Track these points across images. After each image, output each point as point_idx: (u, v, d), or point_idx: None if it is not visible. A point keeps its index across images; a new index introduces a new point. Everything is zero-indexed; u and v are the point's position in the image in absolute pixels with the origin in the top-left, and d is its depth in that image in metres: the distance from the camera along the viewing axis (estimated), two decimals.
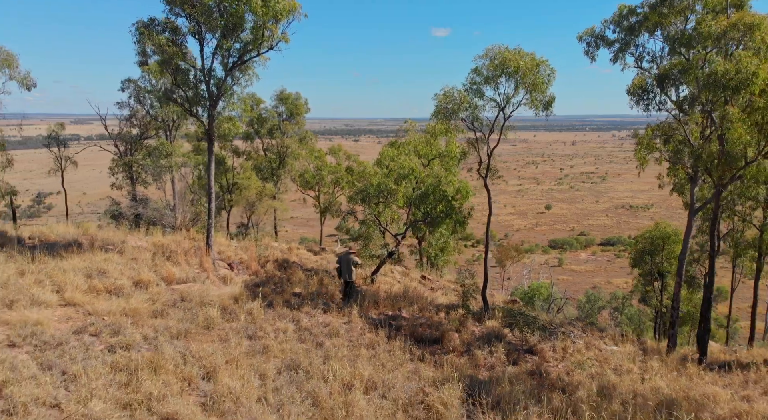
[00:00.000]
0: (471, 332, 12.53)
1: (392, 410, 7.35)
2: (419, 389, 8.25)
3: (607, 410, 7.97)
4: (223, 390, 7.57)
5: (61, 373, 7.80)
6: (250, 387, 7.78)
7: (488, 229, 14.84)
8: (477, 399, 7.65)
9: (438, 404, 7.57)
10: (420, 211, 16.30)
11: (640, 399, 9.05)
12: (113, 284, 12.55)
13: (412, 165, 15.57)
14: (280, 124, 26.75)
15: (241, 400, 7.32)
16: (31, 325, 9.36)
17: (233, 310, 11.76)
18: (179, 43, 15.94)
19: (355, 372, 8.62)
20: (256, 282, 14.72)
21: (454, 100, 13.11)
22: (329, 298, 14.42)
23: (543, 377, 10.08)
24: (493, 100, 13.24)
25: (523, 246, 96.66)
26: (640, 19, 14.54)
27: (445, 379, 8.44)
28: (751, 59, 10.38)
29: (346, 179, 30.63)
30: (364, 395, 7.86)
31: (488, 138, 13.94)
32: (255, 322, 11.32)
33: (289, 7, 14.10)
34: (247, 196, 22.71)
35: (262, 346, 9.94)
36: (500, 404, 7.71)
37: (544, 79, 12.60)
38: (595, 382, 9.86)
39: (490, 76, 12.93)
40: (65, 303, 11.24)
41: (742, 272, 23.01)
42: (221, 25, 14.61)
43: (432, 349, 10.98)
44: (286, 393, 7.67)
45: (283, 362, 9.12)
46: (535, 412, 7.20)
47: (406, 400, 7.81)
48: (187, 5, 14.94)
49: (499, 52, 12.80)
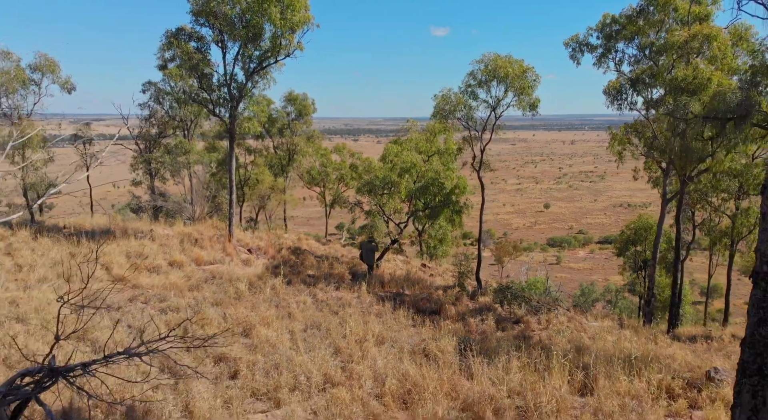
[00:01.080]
0: (465, 306, 14.26)
1: (398, 355, 9.06)
2: (420, 341, 9.98)
3: (576, 360, 9.67)
4: (261, 340, 9.30)
5: (128, 327, 9.53)
6: (283, 338, 9.51)
7: (481, 217, 16.55)
8: (468, 349, 9.35)
9: (436, 350, 9.29)
10: (420, 202, 18.02)
11: (607, 354, 10.75)
12: (151, 264, 14.29)
13: (414, 160, 17.29)
14: (289, 124, 28.50)
15: (277, 346, 9.05)
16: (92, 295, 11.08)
17: (258, 286, 13.49)
18: (203, 50, 17.69)
19: (367, 329, 10.34)
20: (274, 264, 16.45)
21: (450, 101, 14.86)
22: (339, 278, 16.14)
23: (526, 340, 11.78)
24: (486, 101, 14.99)
25: (521, 244, 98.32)
26: (619, 28, 16.28)
27: (441, 336, 10.16)
28: (706, 66, 12.10)
29: (350, 176, 32.35)
30: (375, 346, 9.58)
31: (481, 136, 15.67)
32: (278, 295, 13.04)
33: (304, 19, 15.82)
34: (261, 190, 24.44)
35: (286, 312, 11.66)
36: (487, 352, 9.41)
37: (531, 83, 14.30)
38: (571, 345, 11.56)
39: (484, 80, 14.66)
40: (113, 279, 12.97)
41: (718, 260, 24.70)
42: (243, 34, 16.32)
43: (431, 318, 12.69)
44: (312, 342, 9.40)
45: (306, 323, 10.85)
46: (515, 357, 8.89)
47: (410, 349, 9.52)
48: (212, 17, 16.65)
49: (492, 58, 14.52)
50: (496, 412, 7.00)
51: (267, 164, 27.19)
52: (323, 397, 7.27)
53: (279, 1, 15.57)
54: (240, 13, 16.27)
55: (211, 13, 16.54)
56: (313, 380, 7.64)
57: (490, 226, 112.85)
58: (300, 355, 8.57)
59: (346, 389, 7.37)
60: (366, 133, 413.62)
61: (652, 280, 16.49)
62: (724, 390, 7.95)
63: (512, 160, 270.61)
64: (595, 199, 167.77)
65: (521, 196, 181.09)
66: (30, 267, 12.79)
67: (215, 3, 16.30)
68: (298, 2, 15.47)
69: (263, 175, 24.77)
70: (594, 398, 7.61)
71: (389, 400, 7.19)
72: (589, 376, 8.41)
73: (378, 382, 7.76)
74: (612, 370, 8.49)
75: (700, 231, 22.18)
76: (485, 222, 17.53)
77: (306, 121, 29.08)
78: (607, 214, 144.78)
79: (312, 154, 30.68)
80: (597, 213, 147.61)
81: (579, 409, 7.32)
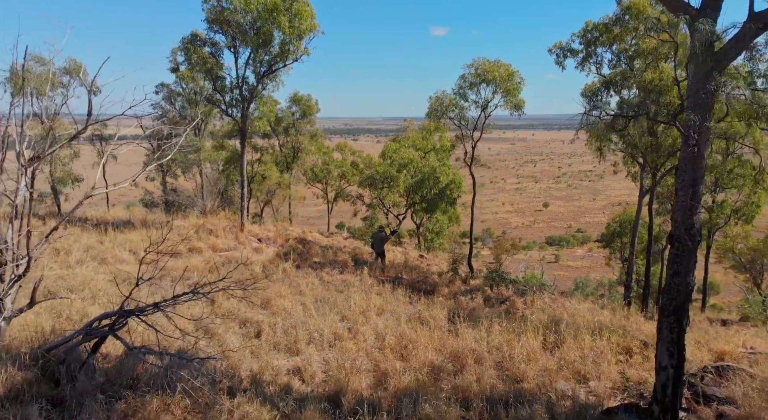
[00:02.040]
0: (458, 287, 15.72)
1: (396, 321, 10.52)
2: (415, 311, 11.45)
3: (551, 327, 11.12)
4: (278, 308, 10.76)
5: (161, 297, 10.98)
6: (296, 308, 10.97)
7: (473, 208, 18.02)
8: (456, 317, 10.80)
9: (429, 318, 10.75)
10: (417, 195, 19.48)
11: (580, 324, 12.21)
12: (173, 249, 15.73)
13: (411, 156, 18.76)
14: (294, 123, 29.95)
15: (292, 313, 10.51)
16: (125, 273, 12.56)
17: (271, 269, 14.95)
18: (217, 55, 19.14)
19: (368, 303, 11.80)
20: (283, 252, 17.90)
21: (443, 103, 16.36)
22: (343, 264, 17.59)
23: (510, 314, 13.24)
24: (476, 102, 16.48)
25: (520, 243, 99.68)
26: (598, 35, 17.74)
27: (434, 308, 11.62)
28: (671, 70, 13.56)
29: (351, 173, 33.79)
30: (376, 315, 11.04)
31: (472, 134, 17.15)
32: (289, 276, 14.49)
33: (311, 27, 17.28)
34: (268, 184, 25.90)
35: (297, 290, 13.11)
36: (473, 320, 10.87)
37: (516, 85, 15.78)
38: (549, 317, 13.01)
39: (474, 82, 16.14)
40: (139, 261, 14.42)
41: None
42: (254, 41, 17.76)
43: (426, 296, 14.14)
44: (322, 311, 10.87)
45: (315, 298, 12.31)
46: (497, 323, 10.34)
47: (407, 317, 10.98)
48: (225, 24, 18.10)
49: (481, 63, 15.99)
50: (477, 361, 8.45)
51: (273, 161, 28.66)
52: (333, 349, 8.73)
53: (288, 10, 17.02)
54: (251, 21, 17.71)
55: (225, 21, 17.99)
56: (324, 337, 9.10)
57: (489, 224, 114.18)
58: (312, 319, 10.03)
59: (353, 343, 8.83)
60: (366, 133, 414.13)
61: (631, 267, 17.97)
62: None
63: (512, 159, 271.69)
64: (594, 198, 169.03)
65: (520, 195, 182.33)
66: (66, 251, 14.23)
67: (228, 12, 17.75)
68: (306, 12, 16.91)
69: (270, 171, 26.25)
70: (560, 351, 9.07)
71: (388, 352, 8.65)
72: (559, 338, 9.87)
73: (379, 339, 9.22)
74: (580, 334, 9.95)
75: None
76: (484, 221, 19.08)
77: (310, 121, 30.53)
78: (606, 213, 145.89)
79: (315, 152, 32.15)
80: (596, 212, 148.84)
81: (546, 360, 8.77)
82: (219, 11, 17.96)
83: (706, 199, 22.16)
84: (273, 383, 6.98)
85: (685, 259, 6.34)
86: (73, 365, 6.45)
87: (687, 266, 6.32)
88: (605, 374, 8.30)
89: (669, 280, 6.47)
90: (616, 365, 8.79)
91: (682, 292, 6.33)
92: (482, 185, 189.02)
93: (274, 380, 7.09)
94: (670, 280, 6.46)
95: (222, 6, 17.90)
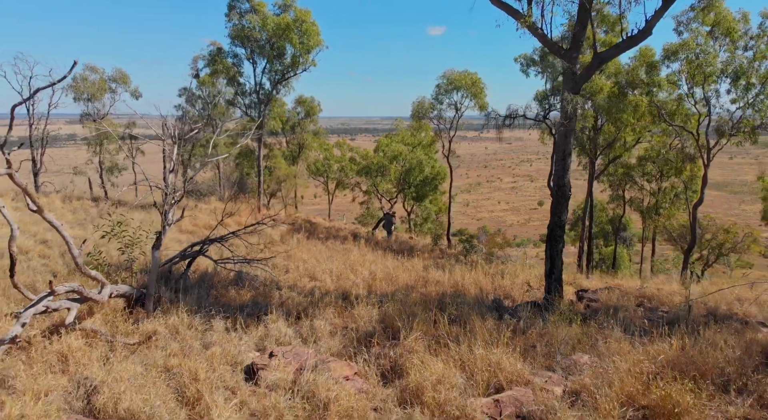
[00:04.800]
0: (436, 254, 19.55)
1: (385, 267, 14.34)
2: (400, 263, 15.29)
3: (498, 272, 14.93)
4: (298, 258, 14.57)
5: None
6: (311, 259, 14.78)
7: (450, 192, 21.82)
8: (429, 267, 14.62)
9: (409, 266, 14.58)
10: (407, 182, 23.32)
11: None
12: (207, 224, 19.50)
13: (400, 150, 22.58)
14: (299, 122, 33.76)
15: (308, 261, 14.33)
16: (175, 241, 16.35)
17: (287, 238, 18.75)
18: (238, 65, 22.95)
19: (364, 259, 15.62)
20: (295, 227, 21.72)
21: (424, 105, 20.24)
22: (344, 238, 21.41)
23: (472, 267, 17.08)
24: (450, 104, 20.36)
25: (515, 240, 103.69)
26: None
27: (413, 261, 15.44)
28: (599, 78, 17.42)
29: (349, 167, 37.57)
30: (369, 264, 14.86)
31: (449, 131, 20.99)
32: (301, 243, 18.30)
33: (317, 43, 21.09)
34: (278, 175, 29.71)
35: (310, 251, 16.92)
36: (442, 268, 14.70)
37: (480, 90, 19.64)
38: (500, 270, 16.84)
39: (448, 89, 20.00)
40: (182, 231, 18.24)
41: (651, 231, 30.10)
42: (270, 54, 21.56)
43: (409, 257, 17.97)
44: (329, 261, 14.70)
45: (324, 256, 16.12)
46: (458, 268, 14.15)
47: (393, 266, 14.81)
48: (246, 40, 21.90)
49: (451, 73, 19.86)
50: (437, 283, 12.27)
51: (282, 156, 32.47)
52: (340, 279, 12.55)
53: (298, 29, 20.82)
54: (267, 38, 21.51)
55: (245, 37, 21.79)
56: (333, 272, 12.91)
57: (485, 223, 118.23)
58: (323, 263, 13.85)
59: (353, 275, 12.64)
60: (363, 133, 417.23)
61: (582, 241, 21.85)
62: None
63: (508, 158, 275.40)
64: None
65: (516, 194, 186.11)
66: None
67: (248, 30, 21.55)
68: (313, 30, 20.72)
69: (280, 164, 30.04)
70: (497, 281, 12.91)
71: (378, 279, 12.45)
72: (499, 277, 13.69)
73: (371, 274, 13.04)
74: (515, 275, 13.80)
75: (630, 207, 27.55)
76: (480, 220, 22.96)
77: (313, 120, 34.37)
78: None
79: (317, 149, 35.98)
80: None
81: (486, 285, 12.60)
82: (240, 29, 21.74)
83: (653, 186, 26.08)
84: (303, 288, 10.80)
85: (560, 205, 10.17)
86: (175, 274, 10.24)
87: (561, 209, 10.15)
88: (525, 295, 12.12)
89: (551, 218, 10.30)
90: (537, 291, 12.63)
91: (557, 225, 10.17)
92: (478, 184, 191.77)
93: (304, 286, 10.91)
94: (551, 218, 10.29)
95: (243, 25, 21.69)
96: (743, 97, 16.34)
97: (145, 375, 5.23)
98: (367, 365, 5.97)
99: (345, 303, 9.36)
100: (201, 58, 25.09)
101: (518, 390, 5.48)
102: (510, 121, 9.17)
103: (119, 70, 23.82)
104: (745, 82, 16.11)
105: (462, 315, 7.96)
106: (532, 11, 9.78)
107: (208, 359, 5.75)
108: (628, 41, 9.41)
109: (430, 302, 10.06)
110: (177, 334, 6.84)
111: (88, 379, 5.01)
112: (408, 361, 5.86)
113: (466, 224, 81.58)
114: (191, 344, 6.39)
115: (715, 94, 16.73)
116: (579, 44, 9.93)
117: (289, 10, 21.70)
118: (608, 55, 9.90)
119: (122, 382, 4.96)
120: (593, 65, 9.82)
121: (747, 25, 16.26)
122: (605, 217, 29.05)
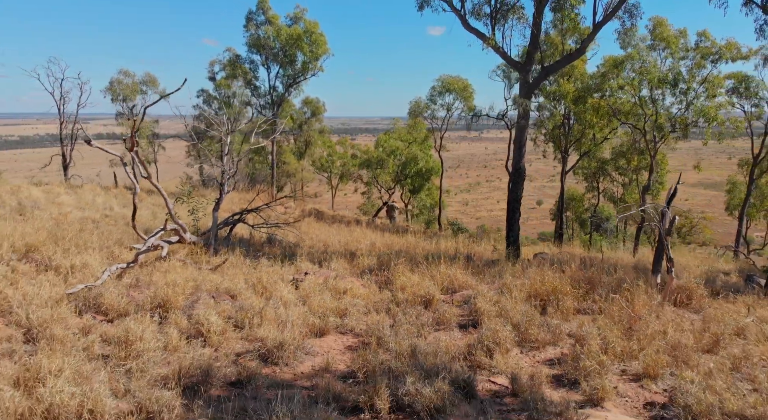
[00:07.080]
0: (428, 234, 22.58)
1: (384, 239, 17.35)
2: (397, 238, 18.33)
3: (468, 246, 17.92)
4: (311, 234, 17.61)
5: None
6: (322, 233, 17.82)
7: (441, 183, 24.82)
8: (422, 241, 17.61)
9: (404, 240, 17.60)
10: (403, 174, 26.32)
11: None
12: (228, 209, 22.54)
13: (397, 145, 25.59)
14: (306, 120, 36.79)
15: (320, 235, 17.36)
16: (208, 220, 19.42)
17: (298, 221, 21.78)
18: (254, 70, 25.97)
19: (365, 236, 18.65)
20: (304, 214, 24.74)
21: (420, 105, 23.27)
22: (348, 222, 24.44)
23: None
24: (443, 105, 23.40)
25: None
26: None
27: (407, 237, 18.47)
28: (566, 83, 20.43)
29: (351, 163, 40.59)
30: (371, 237, 17.88)
31: (441, 128, 24.00)
32: (311, 224, 21.33)
33: (325, 51, 24.09)
34: (288, 168, 32.73)
35: (319, 230, 19.95)
36: (431, 240, 17.70)
37: (470, 94, 22.66)
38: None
39: (441, 91, 23.01)
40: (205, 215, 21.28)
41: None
42: (282, 60, 24.55)
43: (404, 237, 20.99)
44: (338, 234, 17.73)
45: (331, 233, 19.15)
46: (443, 240, 17.14)
47: (390, 239, 17.84)
48: (261, 48, 24.90)
49: (445, 78, 22.85)
50: (424, 248, 15.28)
51: (290, 151, 35.48)
52: (347, 245, 15.57)
53: (308, 39, 23.82)
54: (281, 46, 24.50)
55: (261, 45, 24.79)
56: (341, 242, 15.93)
57: (483, 221, 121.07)
58: (332, 237, 16.89)
59: (357, 243, 15.67)
60: (363, 133, 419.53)
61: (561, 224, 24.86)
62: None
63: (507, 157, 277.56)
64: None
65: None
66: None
67: (263, 39, 24.55)
68: (321, 40, 23.73)
69: (289, 159, 33.08)
70: (473, 247, 15.92)
71: (377, 247, 15.46)
72: (475, 245, 16.70)
73: (372, 243, 16.06)
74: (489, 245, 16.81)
75: (604, 197, 30.56)
76: (479, 218, 25.95)
77: (318, 119, 37.43)
78: None
79: (321, 146, 39.02)
80: None
81: (461, 248, 15.60)
82: (256, 38, 24.74)
83: (625, 178, 29.06)
84: (319, 249, 13.85)
85: (517, 184, 13.19)
86: (220, 238, 13.27)
87: (517, 187, 13.18)
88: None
89: (509, 194, 13.32)
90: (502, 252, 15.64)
91: (514, 200, 13.20)
92: (478, 183, 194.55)
93: (319, 248, 13.96)
94: (509, 194, 13.31)
95: (258, 35, 24.70)
96: (683, 99, 19.33)
97: (228, 279, 8.28)
98: (369, 281, 9.01)
99: (352, 257, 12.38)
100: (218, 62, 28.09)
101: (465, 291, 8.53)
102: (476, 119, 12.12)
103: (149, 73, 26.88)
104: (685, 86, 19.09)
105: (437, 259, 10.99)
106: (495, 35, 12.79)
107: (266, 273, 8.80)
108: (566, 58, 12.43)
109: (417, 257, 13.09)
110: (237, 265, 9.88)
111: (193, 278, 8.06)
112: (395, 275, 8.91)
113: (465, 223, 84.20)
114: (249, 269, 9.44)
115: (661, 97, 19.73)
116: (532, 60, 12.95)
117: (300, 21, 24.68)
118: (552, 69, 12.92)
119: (215, 280, 8.01)
120: (541, 76, 12.84)
121: (685, 39, 19.26)
122: (581, 207, 32.08)
